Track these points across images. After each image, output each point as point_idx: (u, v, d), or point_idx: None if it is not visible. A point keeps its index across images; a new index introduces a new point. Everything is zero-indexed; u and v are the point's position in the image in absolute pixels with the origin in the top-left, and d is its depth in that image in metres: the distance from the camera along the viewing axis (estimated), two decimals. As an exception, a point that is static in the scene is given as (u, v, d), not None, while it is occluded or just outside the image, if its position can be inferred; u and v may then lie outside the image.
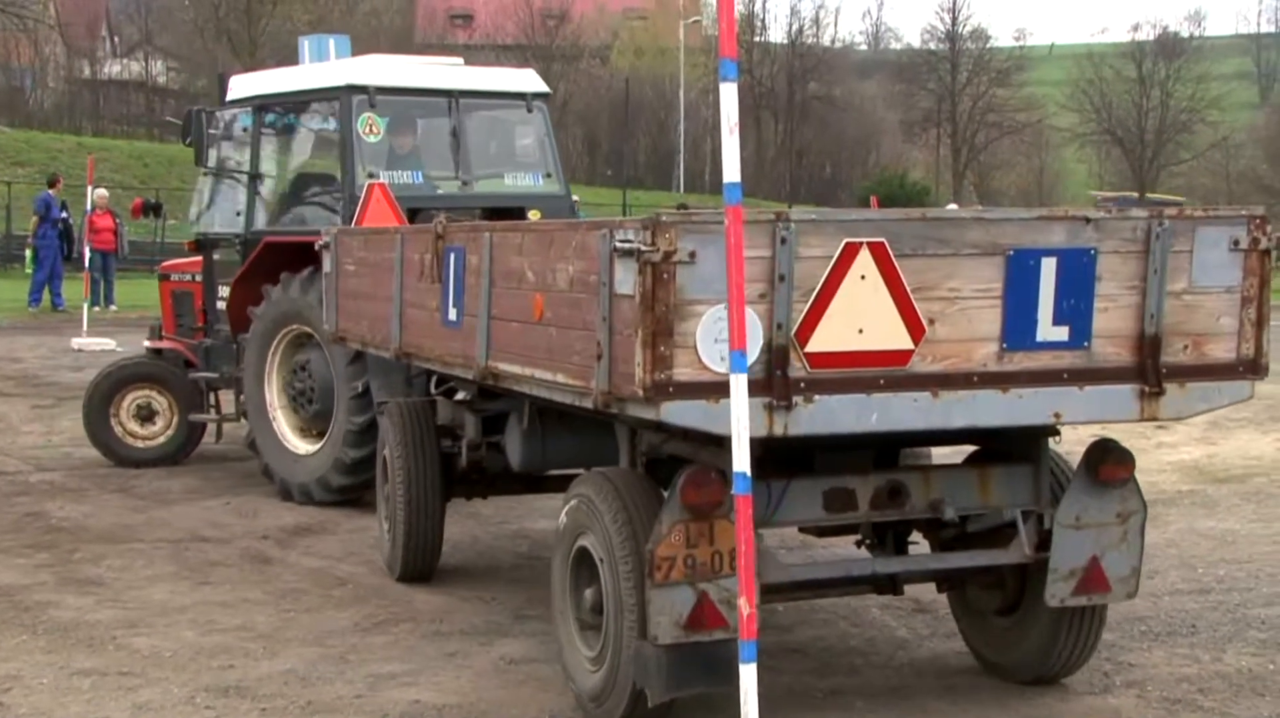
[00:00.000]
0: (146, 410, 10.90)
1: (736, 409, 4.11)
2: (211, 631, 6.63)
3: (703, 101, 57.64)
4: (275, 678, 5.92)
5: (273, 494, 9.77)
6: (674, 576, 4.72)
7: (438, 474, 7.26)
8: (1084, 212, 4.65)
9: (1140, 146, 71.75)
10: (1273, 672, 6.00)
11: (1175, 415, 4.84)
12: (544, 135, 10.09)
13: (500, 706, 5.58)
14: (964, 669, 6.03)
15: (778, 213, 4.35)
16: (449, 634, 6.57)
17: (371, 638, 6.53)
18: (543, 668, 6.03)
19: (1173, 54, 74.66)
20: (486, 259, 5.67)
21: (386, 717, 5.47)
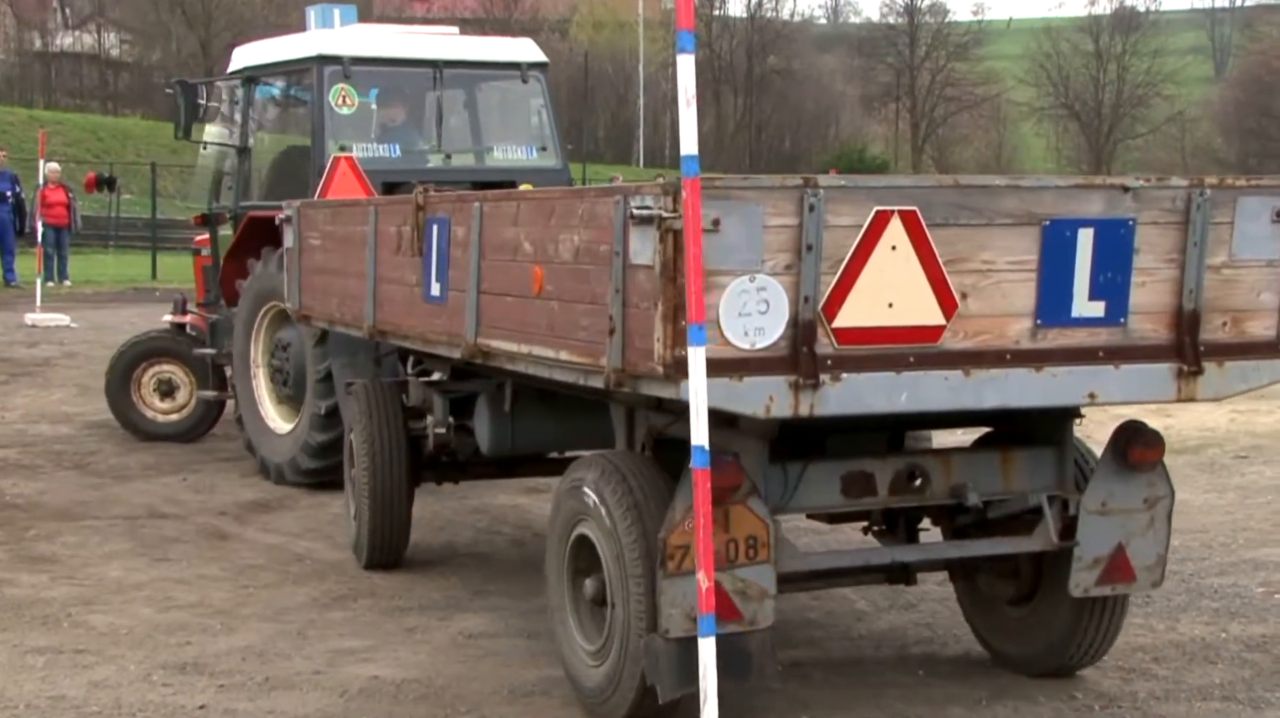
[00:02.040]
0: (167, 385, 10.79)
1: (695, 381, 3.93)
2: (168, 607, 6.55)
3: (662, 76, 57.17)
4: (233, 654, 5.86)
5: (230, 470, 9.72)
6: (687, 565, 4.45)
7: (405, 458, 7.03)
8: (1122, 179, 4.39)
9: (1097, 120, 71.90)
10: (1225, 640, 5.97)
11: (1214, 396, 4.61)
12: (541, 107, 9.75)
13: (459, 681, 5.51)
14: (921, 640, 6.01)
15: (805, 178, 4.06)
16: (408, 610, 6.52)
17: (330, 614, 6.47)
18: (502, 643, 6.00)
19: (1129, 28, 74.79)
20: (475, 231, 5.37)
21: (345, 692, 5.40)
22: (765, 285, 4.04)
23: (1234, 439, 10.67)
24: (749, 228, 3.98)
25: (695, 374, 3.94)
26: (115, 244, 29.93)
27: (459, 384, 6.77)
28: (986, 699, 5.31)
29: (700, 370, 3.93)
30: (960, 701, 5.30)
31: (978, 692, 5.39)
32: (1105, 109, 71.69)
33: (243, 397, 9.68)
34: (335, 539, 7.81)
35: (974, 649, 5.88)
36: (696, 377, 3.94)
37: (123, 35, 58.05)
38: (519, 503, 8.78)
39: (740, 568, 4.51)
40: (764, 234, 4.01)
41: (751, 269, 4.02)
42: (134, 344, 10.86)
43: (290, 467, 9.11)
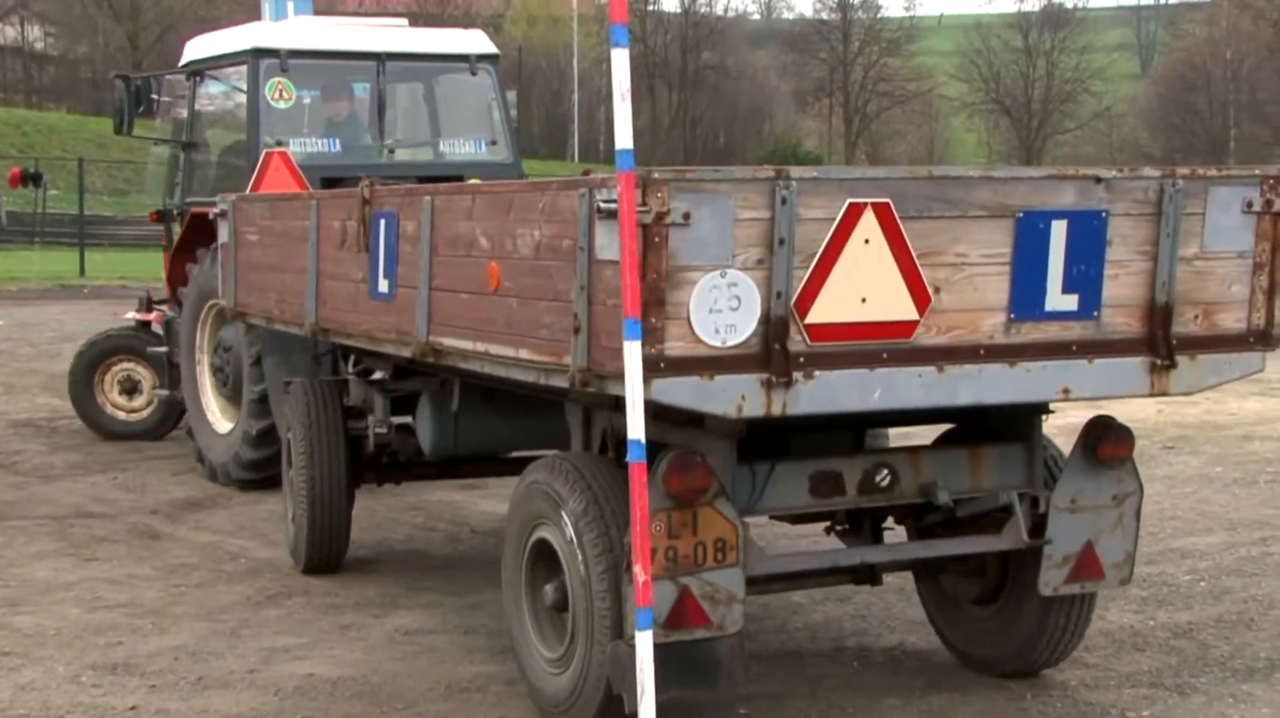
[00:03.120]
0: (131, 384, 10.60)
1: (630, 375, 3.83)
2: (98, 608, 6.44)
3: (597, 71, 57.01)
4: (165, 654, 5.79)
5: (161, 469, 9.57)
6: (654, 570, 4.30)
7: (344, 459, 6.85)
8: (1095, 170, 4.31)
9: (1027, 116, 72.67)
10: (1152, 628, 6.03)
11: (1186, 390, 4.53)
12: (491, 100, 9.55)
13: (395, 677, 5.48)
14: (856, 632, 6.02)
15: (777, 169, 3.94)
16: (343, 607, 6.47)
17: (264, 612, 6.41)
18: (438, 639, 5.96)
19: (1058, 25, 75.65)
20: (427, 226, 5.21)
21: (280, 691, 5.35)
22: (737, 281, 3.91)
23: (1161, 430, 10.78)
24: (720, 221, 3.85)
25: (631, 368, 3.85)
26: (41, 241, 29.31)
27: (401, 383, 6.61)
28: (921, 690, 5.31)
29: (636, 364, 3.84)
30: (895, 692, 5.29)
31: (913, 683, 5.40)
32: (1035, 105, 72.50)
33: (188, 395, 9.52)
34: (269, 537, 7.72)
35: (907, 641, 5.90)
36: (632, 370, 3.85)
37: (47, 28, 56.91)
38: (454, 499, 8.69)
39: (708, 572, 4.38)
40: (735, 228, 3.89)
41: (722, 264, 3.89)
42: (96, 342, 10.63)
43: (227, 468, 8.96)
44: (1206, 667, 5.56)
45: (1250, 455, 9.94)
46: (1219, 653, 5.73)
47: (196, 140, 9.73)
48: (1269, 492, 8.68)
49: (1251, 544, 7.45)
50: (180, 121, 9.91)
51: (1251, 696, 5.23)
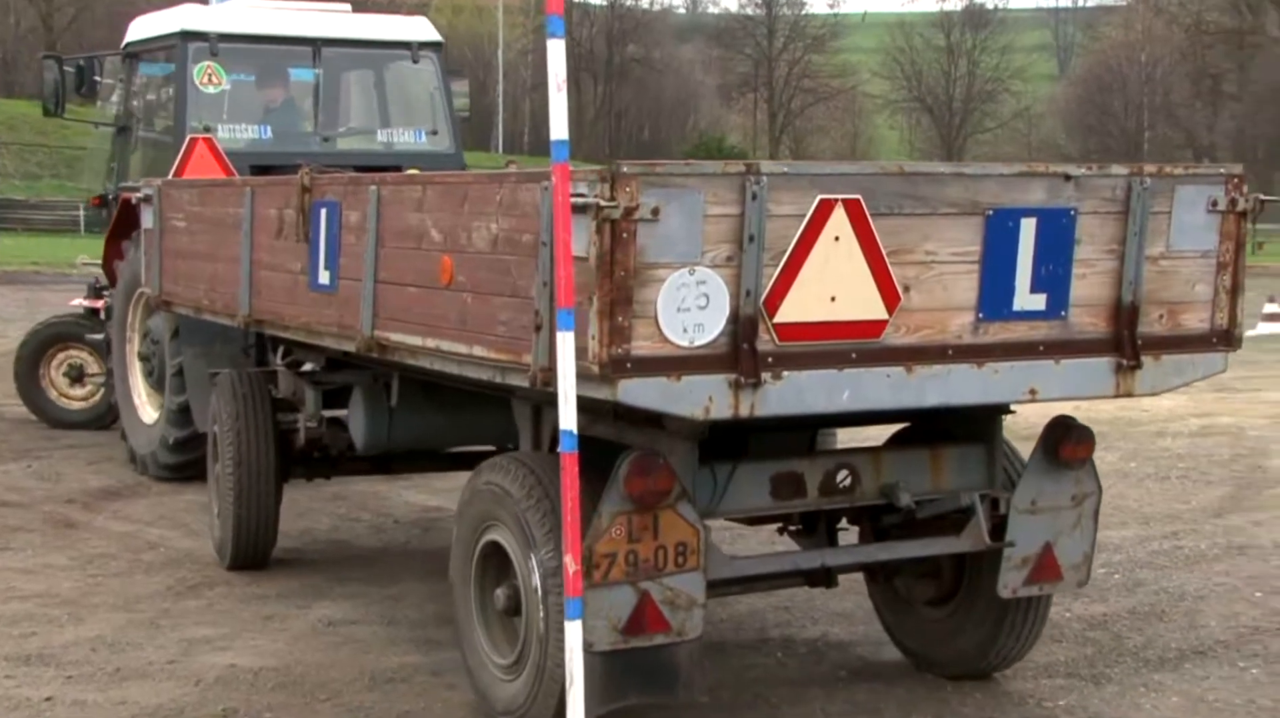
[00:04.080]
0: (76, 371, 10.36)
1: (564, 366, 3.77)
2: (10, 598, 6.32)
3: (521, 62, 56.78)
4: (81, 645, 5.67)
5: (76, 457, 9.43)
6: (614, 575, 4.19)
7: (273, 453, 6.68)
8: (1064, 167, 4.24)
9: (949, 114, 73.45)
10: (1068, 619, 6.07)
11: (1150, 390, 4.48)
12: (433, 89, 9.35)
13: (319, 668, 5.43)
14: (779, 623, 6.02)
15: (747, 164, 3.82)
16: (265, 597, 6.40)
17: (184, 602, 6.33)
18: (362, 630, 5.92)
19: (979, 25, 76.51)
20: (373, 216, 5.04)
21: (200, 682, 5.27)
22: (705, 279, 3.79)
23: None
24: (689, 217, 3.73)
25: (564, 360, 3.78)
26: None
27: (333, 375, 6.44)
28: (844, 681, 5.32)
29: (569, 355, 3.77)
30: (819, 682, 5.30)
31: (836, 674, 5.42)
32: (956, 103, 73.31)
33: (118, 384, 9.33)
34: (190, 527, 7.62)
35: (831, 632, 5.90)
36: (565, 362, 3.77)
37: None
38: (378, 490, 8.60)
39: (669, 576, 4.26)
40: (704, 224, 3.76)
41: (691, 261, 3.77)
42: (41, 329, 10.41)
43: (152, 459, 8.80)
44: (1120, 657, 5.63)
45: (1163, 452, 10.08)
46: (1132, 644, 5.78)
47: (130, 124, 9.47)
48: (1180, 487, 8.81)
49: (1163, 538, 7.55)
50: (118, 105, 9.66)
51: (1162, 685, 5.30)
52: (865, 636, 5.87)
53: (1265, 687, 5.30)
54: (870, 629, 5.88)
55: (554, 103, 3.80)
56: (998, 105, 74.31)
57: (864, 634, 5.88)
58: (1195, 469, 9.41)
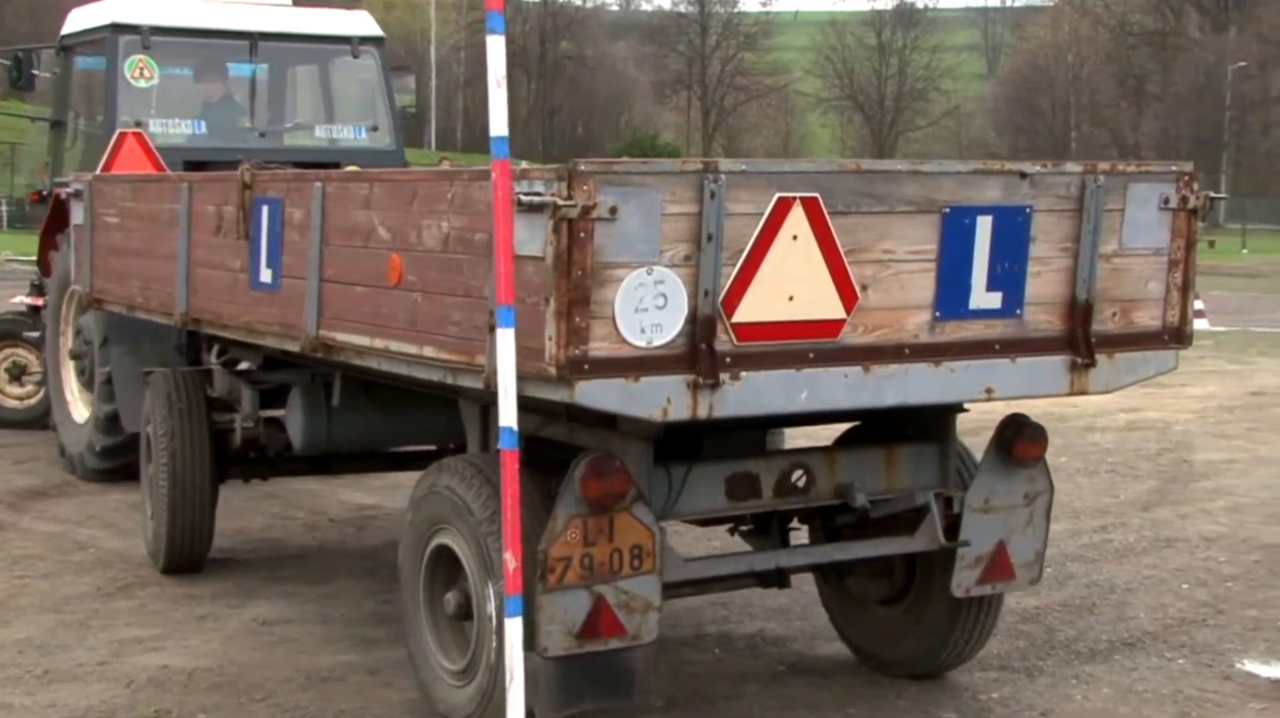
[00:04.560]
0: (17, 370, 10.14)
1: (504, 363, 3.73)
2: None
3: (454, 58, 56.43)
4: (8, 648, 5.60)
5: (2, 457, 9.31)
6: (569, 579, 4.12)
7: (209, 454, 6.55)
8: (1020, 165, 4.22)
9: (880, 113, 74.02)
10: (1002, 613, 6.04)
11: (1104, 388, 4.48)
12: (374, 85, 9.20)
13: (253, 668, 5.39)
14: (716, 619, 6.02)
15: (705, 162, 3.76)
16: (198, 597, 6.34)
17: (115, 603, 6.24)
18: (296, 629, 5.88)
19: (909, 24, 77.17)
20: (317, 213, 4.94)
21: (132, 683, 5.21)
22: (663, 278, 3.73)
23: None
24: (647, 216, 3.67)
25: (504, 355, 3.73)
26: None
27: (270, 375, 6.33)
28: (781, 676, 5.33)
29: (509, 351, 3.72)
30: (756, 677, 5.30)
31: (774, 668, 5.42)
32: (887, 102, 73.88)
33: (51, 377, 9.17)
34: (120, 526, 7.51)
35: (768, 627, 5.89)
36: (505, 357, 3.73)
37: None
38: (312, 488, 8.52)
39: (624, 579, 4.19)
40: (663, 223, 3.71)
41: (649, 261, 3.71)
42: None
43: (80, 460, 8.65)
44: (1052, 649, 5.68)
45: (1092, 446, 10.20)
46: (1064, 636, 5.83)
47: (64, 118, 9.27)
48: (1109, 481, 8.92)
49: (1093, 532, 7.64)
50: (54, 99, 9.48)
51: (1093, 676, 5.35)
52: (801, 631, 5.89)
53: (1191, 677, 5.39)
54: (806, 625, 5.92)
55: (493, 99, 3.75)
56: (928, 104, 75.01)
57: (800, 630, 5.90)
58: (1123, 464, 9.53)
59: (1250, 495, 8.56)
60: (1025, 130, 69.78)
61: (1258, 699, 5.14)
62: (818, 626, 5.87)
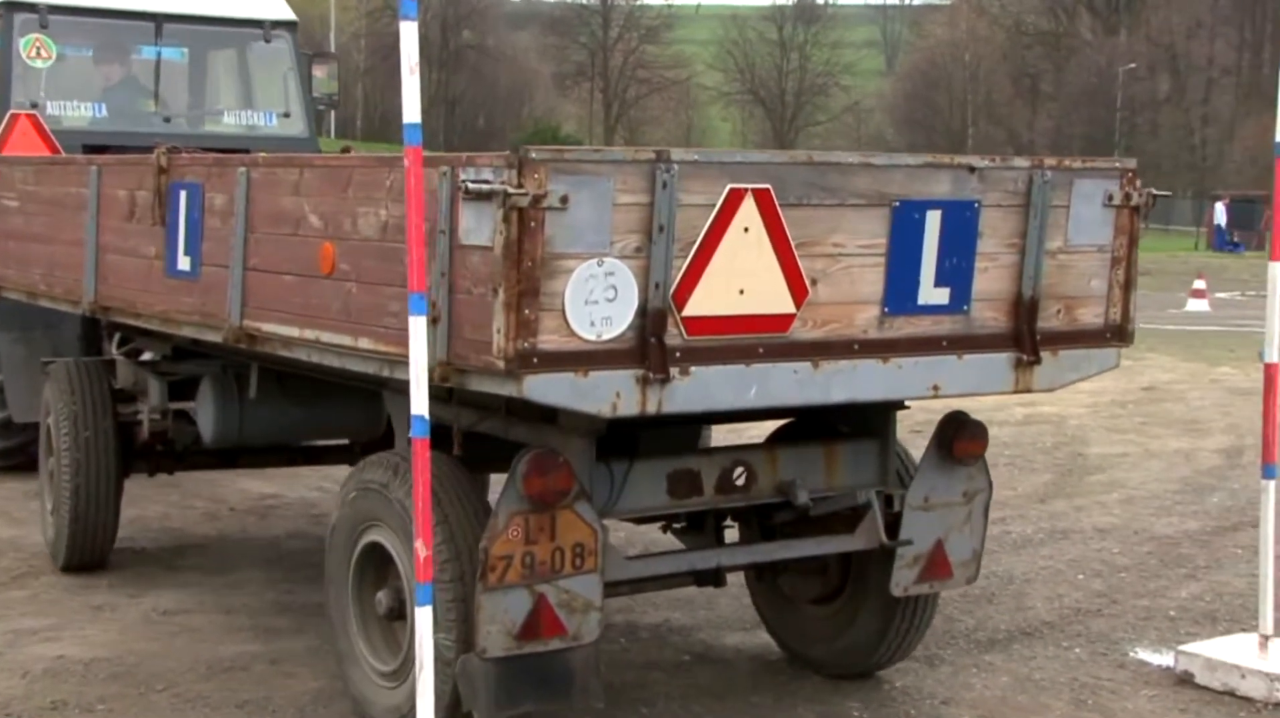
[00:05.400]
0: None
1: (415, 352, 3.68)
2: None
3: (354, 46, 55.69)
4: None
5: None
6: (510, 578, 4.00)
7: (113, 447, 6.32)
8: (969, 159, 4.18)
9: (781, 107, 74.52)
10: None
11: (1048, 386, 4.46)
12: (286, 70, 8.93)
13: (152, 657, 5.33)
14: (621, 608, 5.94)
15: (658, 151, 3.66)
16: (94, 587, 6.24)
17: (8, 593, 6.15)
18: (197, 619, 5.83)
19: (810, 20, 77.78)
20: (241, 199, 4.77)
21: (27, 673, 5.13)
22: (614, 270, 3.62)
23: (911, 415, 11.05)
24: (598, 206, 3.56)
25: (415, 343, 3.66)
26: None
27: (179, 365, 6.13)
28: (686, 665, 5.35)
29: (421, 339, 3.66)
30: (662, 666, 5.32)
31: (679, 657, 5.44)
32: (788, 97, 74.41)
33: None
34: (11, 514, 7.39)
35: (672, 617, 5.88)
36: (417, 345, 3.66)
37: None
38: (211, 476, 8.31)
39: (566, 578, 4.08)
40: (614, 213, 3.60)
41: (600, 252, 3.60)
42: None
43: None
44: (952, 639, 5.73)
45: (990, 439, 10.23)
46: (963, 626, 5.89)
47: None
48: (1007, 474, 8.98)
49: (992, 524, 7.71)
50: None
51: (992, 665, 5.42)
52: (707, 620, 5.88)
53: (1087, 665, 5.47)
54: (711, 614, 5.92)
55: (406, 86, 3.67)
56: (828, 99, 75.69)
57: (705, 619, 5.89)
58: (1021, 457, 9.63)
59: (1142, 488, 8.72)
60: (923, 127, 70.72)
61: (1149, 687, 5.25)
62: (723, 615, 5.89)
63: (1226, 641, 5.46)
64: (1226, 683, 5.15)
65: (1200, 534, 7.56)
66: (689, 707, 4.91)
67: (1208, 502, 8.37)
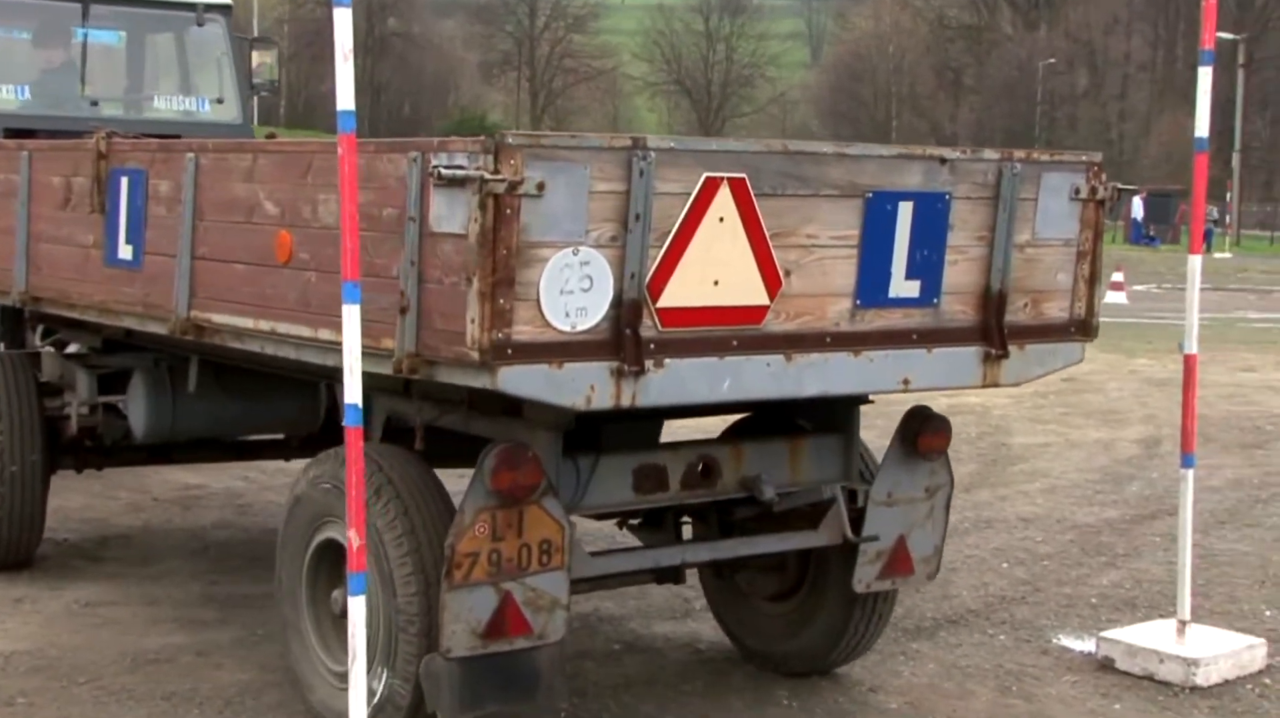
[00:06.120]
0: None
1: (349, 339, 3.63)
2: None
3: (277, 32, 54.88)
4: None
5: None
6: (475, 575, 3.90)
7: (40, 443, 6.11)
8: (940, 150, 4.13)
9: (707, 98, 74.62)
10: None
11: (1014, 381, 4.43)
12: (220, 55, 8.70)
13: (75, 650, 5.26)
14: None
15: (634, 138, 3.58)
16: (14, 579, 6.11)
17: None
18: (121, 611, 5.75)
19: (736, 11, 77.94)
20: (189, 186, 4.62)
21: None
22: (589, 259, 3.54)
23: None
24: (574, 194, 3.47)
25: (349, 332, 3.61)
26: None
27: (108, 358, 5.96)
28: (616, 654, 5.36)
29: (355, 328, 3.61)
30: (592, 655, 5.32)
31: (609, 646, 5.44)
32: (714, 87, 74.53)
33: None
34: None
35: (602, 606, 5.87)
36: (350, 334, 3.61)
37: None
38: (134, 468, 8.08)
39: (532, 576, 3.99)
40: (590, 201, 3.51)
41: (575, 241, 3.51)
42: None
43: None
44: None
45: None
46: (892, 615, 5.85)
47: None
48: None
49: None
50: None
51: (920, 653, 5.48)
52: (637, 609, 5.86)
53: (1011, 651, 5.54)
54: (642, 603, 5.91)
55: (340, 72, 3.60)
56: (754, 90, 75.93)
57: (635, 608, 5.87)
58: (946, 447, 9.78)
59: (1064, 478, 8.84)
60: (848, 118, 71.19)
61: (1071, 672, 5.32)
62: (653, 604, 5.87)
63: (1146, 627, 5.58)
64: (1146, 668, 5.27)
65: (1120, 523, 7.69)
66: (620, 696, 4.91)
67: (1127, 491, 8.50)
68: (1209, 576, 6.58)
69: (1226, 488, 8.59)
